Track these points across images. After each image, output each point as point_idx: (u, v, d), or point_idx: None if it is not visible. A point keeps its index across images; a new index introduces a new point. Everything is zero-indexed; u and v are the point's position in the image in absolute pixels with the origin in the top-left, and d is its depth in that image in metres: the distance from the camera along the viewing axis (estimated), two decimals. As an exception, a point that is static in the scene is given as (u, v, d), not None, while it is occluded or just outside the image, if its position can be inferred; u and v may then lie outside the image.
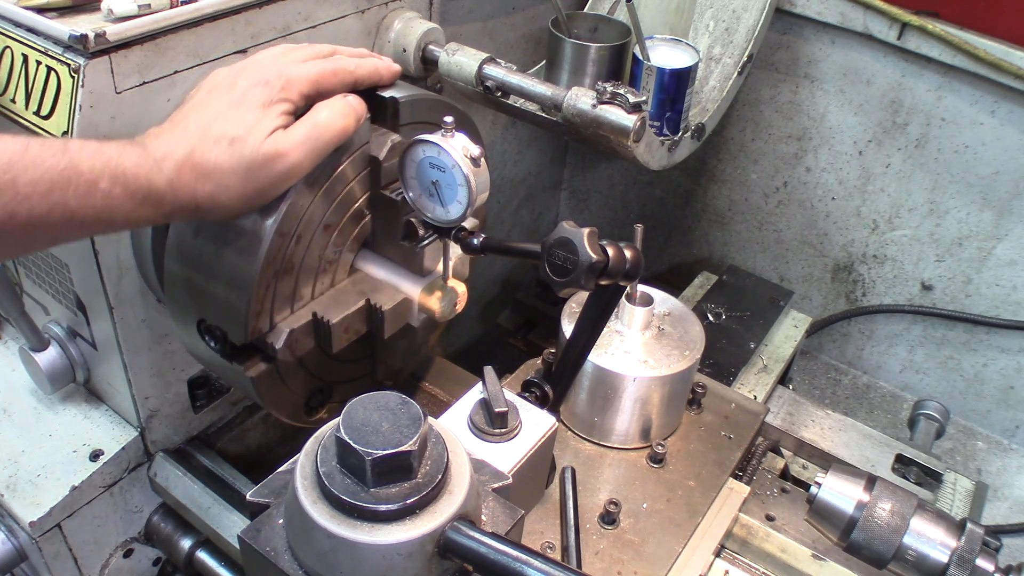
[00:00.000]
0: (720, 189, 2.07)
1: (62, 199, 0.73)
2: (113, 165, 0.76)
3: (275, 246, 0.89)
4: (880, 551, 1.00)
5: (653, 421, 1.18)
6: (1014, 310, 1.81)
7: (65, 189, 0.73)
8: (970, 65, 1.59)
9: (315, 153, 0.85)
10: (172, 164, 0.79)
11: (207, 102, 0.84)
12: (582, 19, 1.50)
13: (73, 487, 1.14)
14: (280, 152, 0.82)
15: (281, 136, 0.83)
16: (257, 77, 0.84)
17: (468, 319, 2.09)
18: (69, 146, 0.75)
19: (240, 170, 0.81)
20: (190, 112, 0.84)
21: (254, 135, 0.81)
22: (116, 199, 0.76)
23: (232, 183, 0.81)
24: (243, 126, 0.81)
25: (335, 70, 0.89)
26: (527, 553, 0.67)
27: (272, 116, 0.83)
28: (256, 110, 0.82)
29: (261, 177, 0.82)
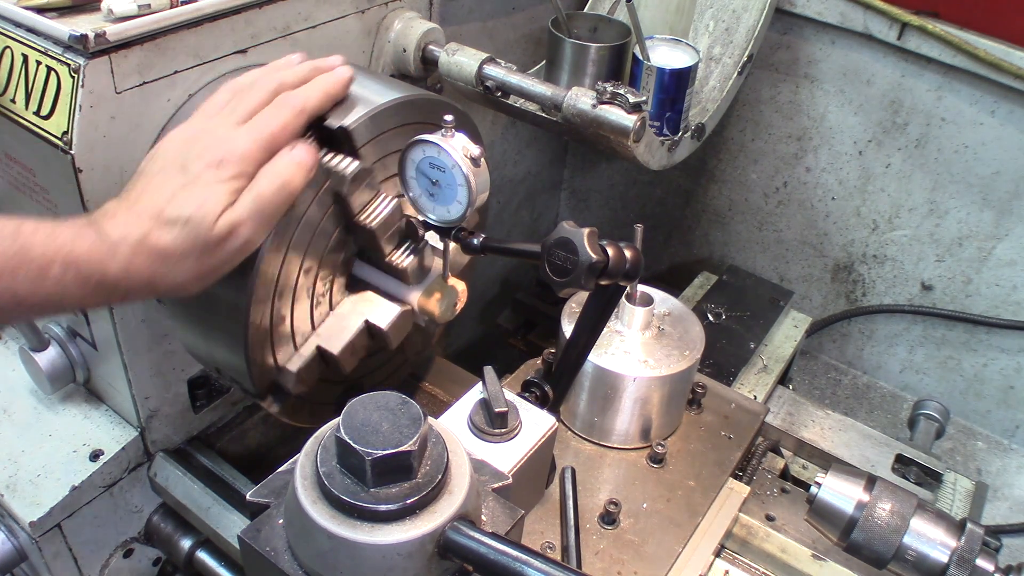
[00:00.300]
0: (720, 189, 2.07)
1: (10, 284, 0.73)
2: (66, 251, 0.75)
3: (258, 313, 0.90)
4: (880, 551, 1.00)
5: (653, 421, 1.18)
6: (1014, 310, 1.81)
7: (14, 274, 0.73)
8: (970, 65, 1.59)
9: (265, 223, 0.83)
10: (127, 249, 0.77)
11: (160, 183, 0.82)
12: (582, 19, 1.50)
13: (73, 487, 1.14)
14: (232, 231, 0.80)
15: (230, 212, 0.81)
16: (208, 156, 0.82)
17: (468, 319, 2.09)
18: (22, 229, 0.74)
19: (195, 252, 0.79)
20: (143, 192, 0.82)
21: (207, 214, 0.79)
22: (68, 285, 0.75)
23: (187, 265, 0.80)
24: (195, 206, 0.79)
25: (284, 124, 0.85)
26: (527, 553, 0.67)
27: (225, 194, 0.81)
28: (208, 189, 0.80)
29: (216, 256, 0.81)
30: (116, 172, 0.97)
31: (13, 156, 1.03)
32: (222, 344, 0.95)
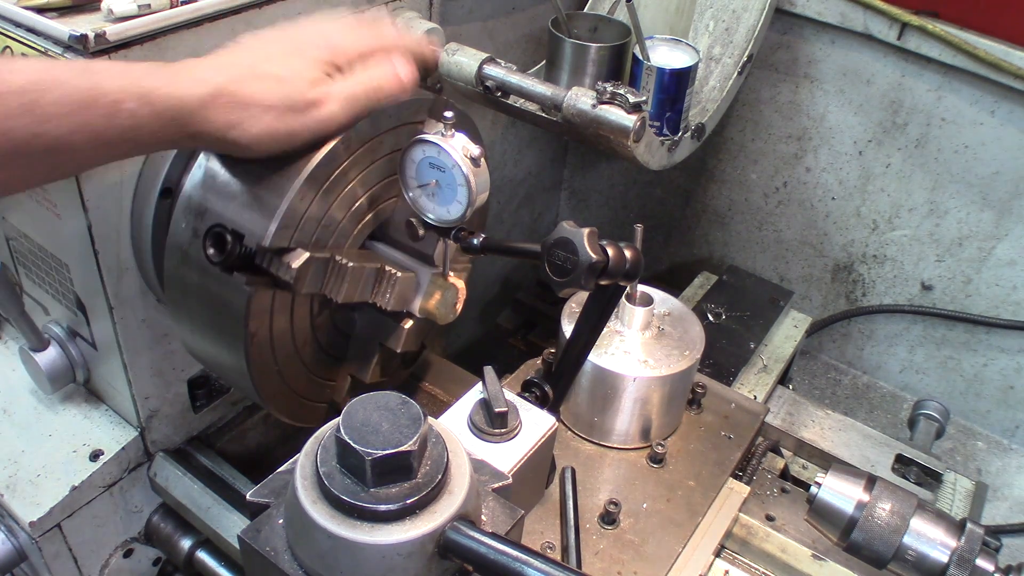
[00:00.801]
0: (720, 189, 2.07)
1: (86, 120, 0.72)
2: (140, 85, 0.75)
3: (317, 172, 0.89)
4: (880, 551, 1.00)
5: (653, 421, 1.18)
6: (1014, 310, 1.80)
7: (89, 109, 0.72)
8: (970, 65, 1.59)
9: (354, 109, 0.86)
10: (208, 88, 0.78)
11: (259, 47, 0.85)
12: (582, 19, 1.50)
13: (73, 487, 1.14)
14: (322, 99, 0.83)
15: (325, 87, 0.84)
16: (312, 38, 0.87)
17: (468, 319, 2.09)
18: (93, 67, 0.75)
19: (279, 107, 0.81)
20: (239, 50, 0.85)
21: (300, 79, 0.82)
22: (142, 119, 0.75)
23: (267, 118, 0.81)
24: (291, 70, 0.82)
25: (383, 46, 0.90)
26: (527, 553, 0.67)
27: (318, 70, 0.84)
28: (304, 60, 0.84)
29: (298, 120, 0.83)
30: (116, 172, 0.97)
31: (13, 156, 1.03)
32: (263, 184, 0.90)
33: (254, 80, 0.81)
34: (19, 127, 0.70)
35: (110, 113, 0.74)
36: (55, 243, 1.08)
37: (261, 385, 1.00)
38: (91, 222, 0.99)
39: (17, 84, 0.70)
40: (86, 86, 0.73)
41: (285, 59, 0.84)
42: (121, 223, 1.03)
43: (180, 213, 0.94)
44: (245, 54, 0.84)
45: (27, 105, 0.70)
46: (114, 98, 0.74)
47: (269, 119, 0.81)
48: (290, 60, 0.84)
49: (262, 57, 0.83)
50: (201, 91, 0.78)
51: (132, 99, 0.74)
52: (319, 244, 0.95)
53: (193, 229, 0.92)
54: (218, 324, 0.95)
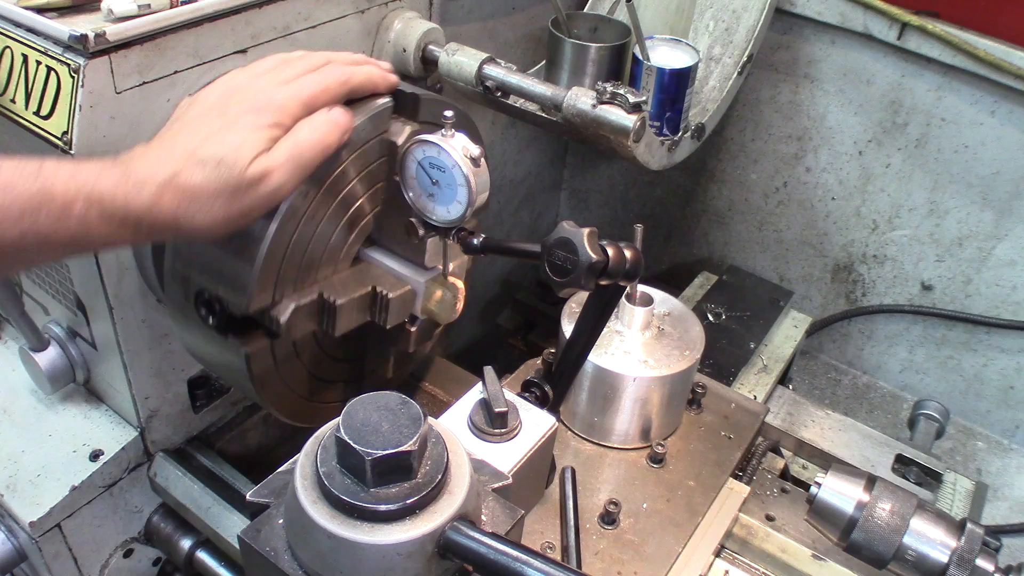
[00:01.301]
0: (720, 189, 2.07)
1: (34, 224, 0.72)
2: (88, 188, 0.74)
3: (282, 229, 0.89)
4: (880, 551, 1.00)
5: (653, 421, 1.18)
6: (1014, 310, 1.80)
7: (37, 214, 0.72)
8: (970, 65, 1.59)
9: (298, 172, 0.84)
10: (153, 186, 0.77)
11: (197, 125, 0.83)
12: (582, 19, 1.50)
13: (73, 487, 1.14)
14: (265, 174, 0.81)
15: (265, 158, 0.82)
16: (249, 103, 0.84)
17: (468, 319, 2.09)
18: (43, 169, 0.74)
19: (225, 193, 0.80)
20: (178, 133, 0.83)
21: (241, 156, 0.80)
22: (92, 222, 0.75)
23: (216, 206, 0.80)
24: (230, 148, 0.80)
25: (326, 87, 0.88)
26: (527, 553, 0.67)
27: (261, 140, 0.82)
28: (245, 133, 0.81)
29: (246, 199, 0.81)
30: (116, 172, 0.97)
31: (13, 156, 1.03)
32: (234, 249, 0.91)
33: (196, 168, 0.79)
34: None
35: (60, 217, 0.73)
36: (55, 243, 1.08)
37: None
38: None
39: None
40: (35, 190, 0.72)
41: (224, 135, 0.81)
42: (121, 223, 1.03)
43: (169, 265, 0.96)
44: (185, 136, 0.82)
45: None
46: (63, 202, 0.73)
47: (218, 206, 0.80)
48: (230, 135, 0.81)
49: (201, 138, 0.81)
50: (147, 192, 0.77)
51: (81, 202, 0.74)
52: (311, 264, 0.96)
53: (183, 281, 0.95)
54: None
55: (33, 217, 0.72)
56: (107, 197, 0.75)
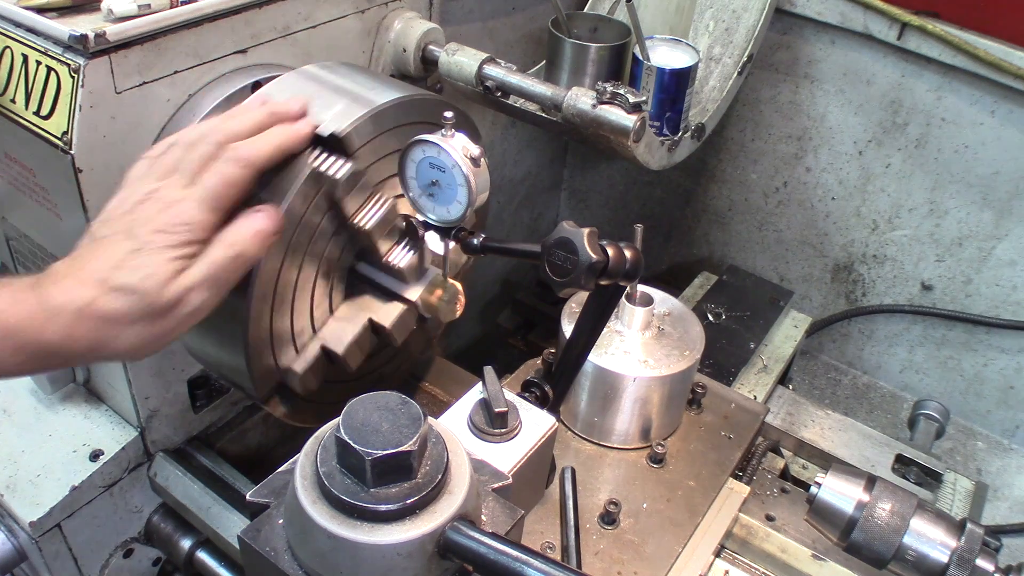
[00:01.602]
0: (720, 189, 2.07)
1: None
2: (2, 320, 0.73)
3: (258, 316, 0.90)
4: (880, 551, 1.00)
5: (653, 421, 1.18)
6: (1014, 310, 1.81)
7: None
8: (970, 65, 1.59)
9: (217, 291, 0.82)
10: (68, 316, 0.75)
11: (107, 249, 0.79)
12: (582, 19, 1.50)
13: (73, 487, 1.14)
14: (181, 298, 0.79)
15: (182, 279, 0.79)
16: (157, 223, 0.80)
17: (468, 319, 2.09)
18: None
19: (143, 319, 0.78)
20: (90, 259, 0.80)
21: (155, 284, 0.78)
22: (5, 354, 0.74)
23: (135, 331, 0.78)
24: (143, 275, 0.77)
25: (231, 182, 0.83)
26: (527, 553, 0.67)
27: (174, 261, 0.79)
28: (156, 256, 0.79)
29: (165, 323, 0.79)
30: (116, 172, 0.97)
31: (13, 156, 1.03)
32: (223, 348, 0.95)
33: (111, 297, 0.77)
34: None
35: None
36: (55, 243, 1.08)
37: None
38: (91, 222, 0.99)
39: None
40: None
41: (133, 262, 0.78)
42: (121, 223, 1.03)
43: None
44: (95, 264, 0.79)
45: None
46: None
47: (136, 332, 0.78)
48: (140, 260, 0.78)
49: (112, 265, 0.78)
50: (62, 322, 0.75)
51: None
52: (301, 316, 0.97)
53: None
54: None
55: None
56: (19, 328, 0.74)
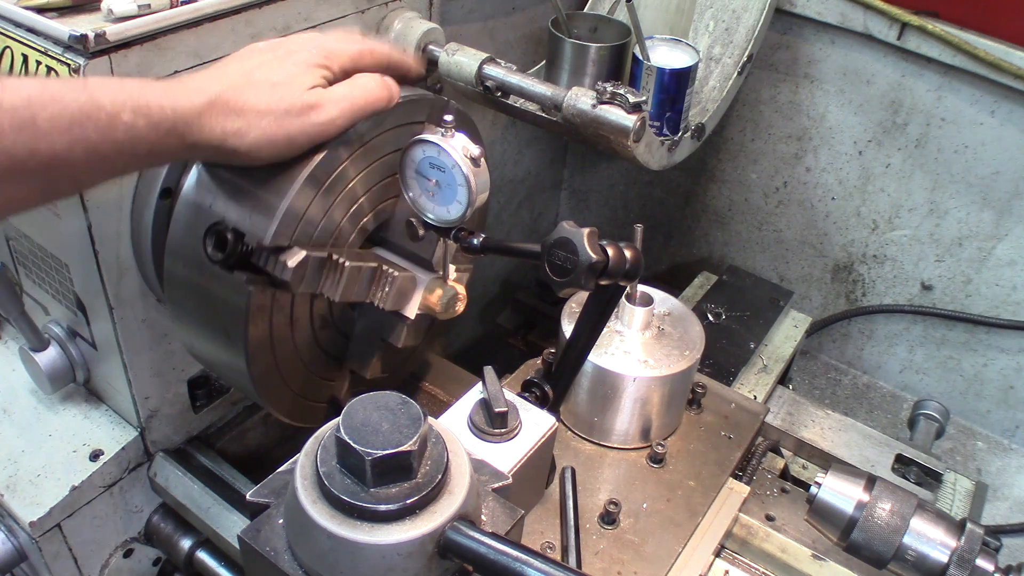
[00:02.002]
0: (720, 189, 2.07)
1: (83, 134, 0.73)
2: (136, 97, 0.76)
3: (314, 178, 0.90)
4: (880, 551, 1.00)
5: (653, 421, 1.18)
6: (1014, 310, 1.80)
7: (85, 124, 0.73)
8: (970, 65, 1.59)
9: (350, 114, 0.87)
10: (204, 97, 0.79)
11: (251, 56, 0.86)
12: (582, 19, 1.50)
13: (73, 487, 1.14)
14: (319, 103, 0.84)
15: (321, 91, 0.85)
16: (301, 44, 0.88)
17: (468, 319, 2.09)
18: (89, 83, 0.75)
19: (277, 112, 0.82)
20: (231, 61, 0.86)
21: (296, 84, 0.83)
22: (139, 131, 0.76)
23: (264, 124, 0.82)
24: (285, 75, 0.83)
25: (372, 51, 0.92)
26: (527, 553, 0.67)
27: (313, 75, 0.85)
28: (299, 66, 0.85)
29: (295, 124, 0.83)
30: (116, 172, 0.97)
31: (13, 156, 1.03)
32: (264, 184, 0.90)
33: (249, 87, 0.81)
34: (16, 144, 0.70)
35: (107, 126, 0.74)
36: (55, 243, 1.08)
37: (261, 385, 1.00)
38: (91, 222, 1.00)
39: (12, 102, 0.70)
40: (82, 100, 0.73)
41: (279, 64, 0.84)
42: (121, 223, 1.03)
43: (180, 213, 0.94)
44: (238, 63, 0.85)
45: (24, 121, 0.70)
46: (110, 111, 0.74)
47: (266, 124, 0.82)
48: (284, 65, 0.84)
49: (255, 64, 0.84)
50: (197, 101, 0.79)
51: (128, 112, 0.75)
52: (318, 245, 0.95)
53: (193, 228, 0.92)
54: (218, 324, 0.95)
55: (82, 127, 0.73)
56: (154, 104, 0.76)
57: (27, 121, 0.70)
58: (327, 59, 0.87)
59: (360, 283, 0.99)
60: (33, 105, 0.71)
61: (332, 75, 0.88)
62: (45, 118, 0.71)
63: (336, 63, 0.88)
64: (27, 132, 0.70)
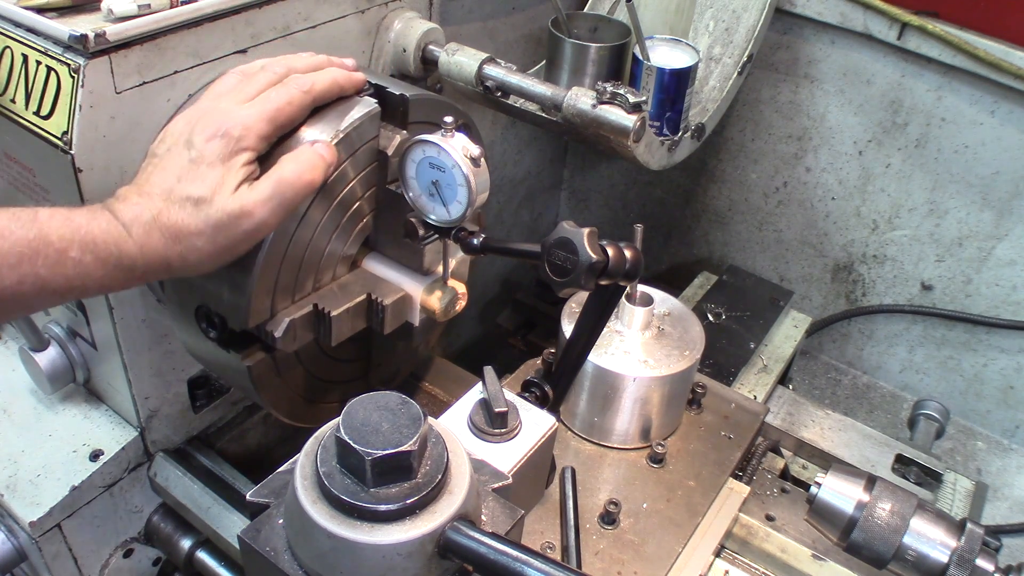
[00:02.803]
0: (720, 189, 2.07)
1: (32, 269, 0.73)
2: (83, 233, 0.75)
3: (277, 240, 0.89)
4: (880, 551, 1.00)
5: (653, 421, 1.18)
6: (1014, 310, 1.80)
7: (35, 259, 0.73)
8: (970, 65, 1.59)
9: (281, 209, 0.83)
10: (140, 228, 0.78)
11: (167, 162, 0.83)
12: (582, 19, 1.50)
13: (73, 487, 1.14)
14: (245, 211, 0.81)
15: (246, 193, 0.81)
16: (212, 129, 0.82)
17: (468, 319, 2.09)
18: (39, 216, 0.75)
19: (207, 231, 0.80)
20: (152, 174, 0.83)
21: (219, 195, 0.80)
22: (88, 267, 0.76)
23: (200, 243, 0.80)
24: (206, 186, 0.80)
25: (289, 99, 0.86)
26: (527, 553, 0.67)
27: (234, 171, 0.82)
28: (217, 167, 0.81)
29: (229, 236, 0.81)
30: (116, 172, 0.97)
31: (13, 156, 1.03)
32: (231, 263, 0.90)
33: (175, 208, 0.80)
34: None
35: (56, 262, 0.74)
36: (55, 243, 1.08)
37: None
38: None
39: None
40: (31, 236, 0.73)
41: (195, 172, 0.81)
42: (121, 223, 1.03)
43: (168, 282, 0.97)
44: (159, 176, 0.82)
45: None
46: (59, 247, 0.74)
47: (202, 245, 0.81)
48: (200, 172, 0.81)
49: (174, 177, 0.81)
50: (136, 233, 0.78)
51: (76, 248, 0.75)
52: (308, 271, 0.96)
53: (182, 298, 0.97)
54: None
55: (31, 263, 0.73)
56: (100, 240, 0.76)
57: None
58: (242, 140, 0.82)
59: (352, 320, 1.00)
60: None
61: (254, 153, 0.84)
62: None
63: (253, 137, 0.83)
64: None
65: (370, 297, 1.00)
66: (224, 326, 0.94)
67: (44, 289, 0.75)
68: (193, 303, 0.96)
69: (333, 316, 0.96)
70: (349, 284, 1.01)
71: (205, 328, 0.96)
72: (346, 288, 1.01)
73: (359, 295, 0.99)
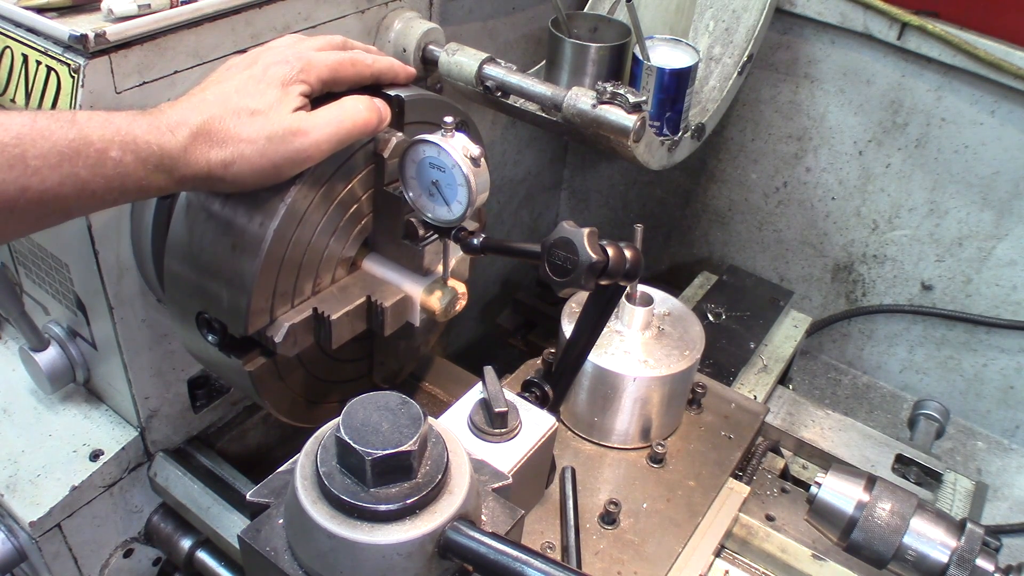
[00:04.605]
0: (720, 189, 2.07)
1: (72, 170, 0.73)
2: (123, 133, 0.76)
3: (276, 244, 0.89)
4: (880, 551, 1.00)
5: (653, 421, 1.18)
6: (1014, 310, 1.80)
7: (75, 160, 0.73)
8: (970, 65, 1.59)
9: (336, 138, 0.85)
10: (187, 131, 0.79)
11: (227, 77, 0.85)
12: (582, 19, 1.50)
13: (73, 487, 1.14)
14: (303, 129, 0.83)
15: (304, 115, 0.84)
16: (278, 56, 0.86)
17: (468, 319, 2.09)
18: (77, 117, 0.75)
19: (260, 140, 0.81)
20: (209, 85, 0.85)
21: (276, 110, 0.82)
22: (128, 167, 0.76)
23: (249, 153, 0.81)
24: (265, 101, 0.82)
25: (353, 60, 0.90)
26: (527, 553, 0.67)
27: (293, 95, 0.84)
28: (277, 87, 0.83)
29: (280, 151, 0.82)
30: (116, 172, 0.97)
31: (13, 156, 1.03)
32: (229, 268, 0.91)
33: (230, 115, 0.80)
34: (7, 182, 0.71)
35: (96, 163, 0.74)
36: (55, 243, 1.08)
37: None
38: (91, 222, 1.00)
39: (1, 139, 0.70)
40: (71, 137, 0.73)
41: (255, 87, 0.83)
42: (121, 223, 1.03)
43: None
44: (216, 87, 0.84)
45: (14, 159, 0.70)
46: (99, 147, 0.74)
47: (250, 153, 0.81)
48: (260, 88, 0.83)
49: (232, 88, 0.83)
50: (180, 136, 0.78)
51: (116, 147, 0.75)
52: (308, 273, 0.96)
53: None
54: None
55: (71, 163, 0.73)
56: (141, 140, 0.76)
57: (17, 159, 0.71)
58: (304, 71, 0.85)
59: (352, 323, 1.00)
60: (23, 142, 0.71)
61: (311, 89, 0.86)
62: (35, 155, 0.71)
63: (314, 74, 0.86)
64: (17, 170, 0.71)
65: (370, 299, 1.00)
66: (224, 332, 0.94)
67: (84, 190, 0.74)
68: (193, 310, 0.96)
69: (333, 320, 0.96)
70: (348, 286, 1.01)
71: (205, 334, 0.96)
72: (345, 290, 1.01)
73: (359, 297, 0.99)
